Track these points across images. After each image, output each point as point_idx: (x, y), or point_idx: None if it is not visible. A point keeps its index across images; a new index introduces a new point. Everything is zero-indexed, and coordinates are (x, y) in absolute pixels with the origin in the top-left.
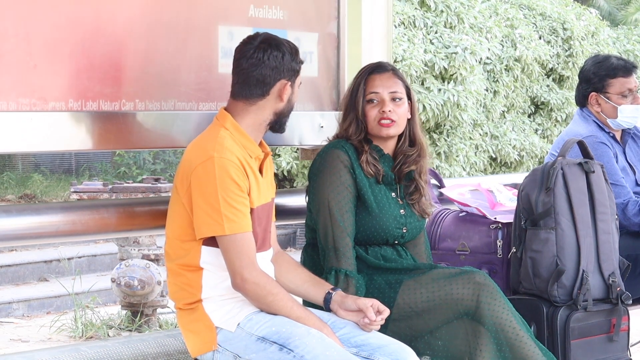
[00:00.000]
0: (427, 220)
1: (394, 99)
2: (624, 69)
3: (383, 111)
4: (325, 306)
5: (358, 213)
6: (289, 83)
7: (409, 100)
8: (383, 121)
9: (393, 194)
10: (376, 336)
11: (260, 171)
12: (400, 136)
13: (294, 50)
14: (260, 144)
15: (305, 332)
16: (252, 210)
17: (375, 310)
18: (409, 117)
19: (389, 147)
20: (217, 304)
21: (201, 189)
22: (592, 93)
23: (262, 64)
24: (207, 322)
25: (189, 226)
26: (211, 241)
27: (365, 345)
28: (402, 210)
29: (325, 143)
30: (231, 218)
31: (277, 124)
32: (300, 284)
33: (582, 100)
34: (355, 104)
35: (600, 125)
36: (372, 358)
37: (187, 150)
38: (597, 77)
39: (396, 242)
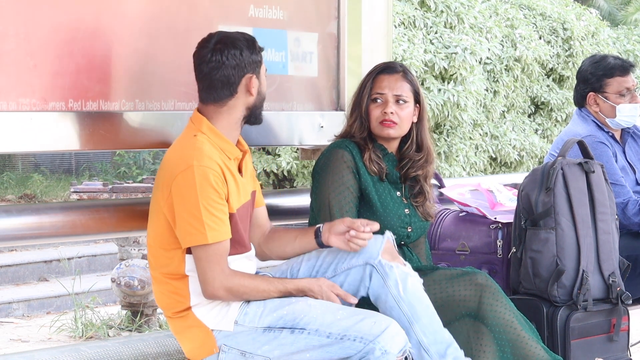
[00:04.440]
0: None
1: (398, 101)
2: (621, 68)
3: (385, 112)
4: (318, 242)
5: (362, 213)
6: (254, 76)
7: (417, 104)
8: (385, 121)
9: (398, 192)
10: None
11: (240, 170)
12: (406, 139)
13: (250, 43)
14: (238, 143)
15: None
16: (232, 214)
17: (365, 224)
18: (415, 120)
19: (392, 147)
20: (206, 307)
21: (182, 199)
22: (590, 93)
23: (223, 65)
24: (201, 327)
25: (171, 235)
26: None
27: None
28: (406, 210)
29: (330, 142)
30: (213, 226)
31: (252, 117)
32: (293, 244)
33: (580, 101)
34: (360, 101)
35: (599, 125)
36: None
37: (166, 158)
38: (595, 77)
39: (402, 242)
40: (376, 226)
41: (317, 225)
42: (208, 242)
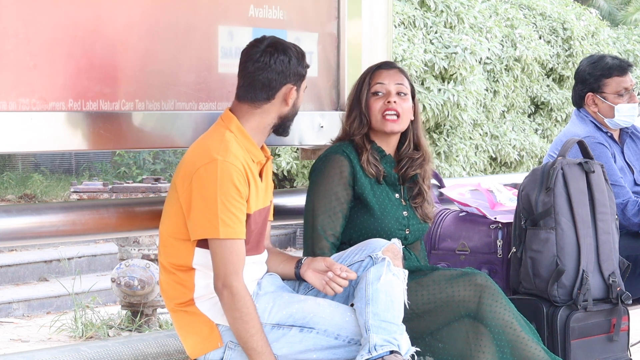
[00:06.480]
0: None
1: (399, 93)
2: (619, 68)
3: (388, 102)
4: (296, 273)
5: (360, 215)
6: (295, 87)
7: (412, 101)
8: (387, 113)
9: (397, 194)
10: None
11: (260, 175)
12: (403, 138)
13: (300, 55)
14: (262, 148)
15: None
16: (249, 215)
17: (344, 270)
18: (412, 118)
19: (390, 147)
20: (209, 301)
21: (201, 191)
22: (589, 93)
23: (269, 68)
24: (205, 320)
25: (184, 225)
26: (205, 243)
27: None
28: (405, 212)
29: (329, 144)
30: (227, 222)
31: (281, 128)
32: (277, 267)
33: (578, 101)
34: (359, 97)
35: (598, 125)
36: None
37: (191, 150)
38: (593, 78)
39: (401, 244)
40: (353, 275)
41: (301, 257)
42: (219, 237)
